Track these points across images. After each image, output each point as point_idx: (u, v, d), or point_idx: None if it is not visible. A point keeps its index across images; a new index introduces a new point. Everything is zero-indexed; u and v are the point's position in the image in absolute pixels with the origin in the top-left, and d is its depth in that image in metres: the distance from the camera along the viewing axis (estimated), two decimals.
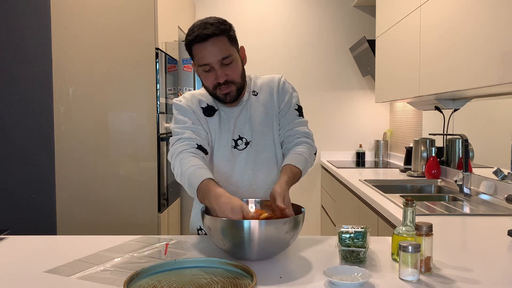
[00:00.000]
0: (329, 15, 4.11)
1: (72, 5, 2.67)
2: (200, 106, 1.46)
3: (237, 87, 1.39)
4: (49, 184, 2.71)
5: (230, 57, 1.34)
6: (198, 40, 1.31)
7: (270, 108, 1.48)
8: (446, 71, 2.06)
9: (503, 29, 1.58)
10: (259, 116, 1.47)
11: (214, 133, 1.45)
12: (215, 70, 1.34)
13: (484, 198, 2.11)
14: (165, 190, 2.87)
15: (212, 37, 1.30)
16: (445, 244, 1.33)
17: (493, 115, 2.24)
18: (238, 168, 1.44)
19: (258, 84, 1.52)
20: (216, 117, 1.45)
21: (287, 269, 1.10)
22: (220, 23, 1.33)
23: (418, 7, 2.43)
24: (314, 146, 1.49)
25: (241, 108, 1.47)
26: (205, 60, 1.32)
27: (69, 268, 1.12)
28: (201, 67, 1.35)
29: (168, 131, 2.92)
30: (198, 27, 1.32)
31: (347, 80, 4.14)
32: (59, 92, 2.69)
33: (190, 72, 3.22)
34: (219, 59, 1.32)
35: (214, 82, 1.36)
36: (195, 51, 1.34)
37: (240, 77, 1.39)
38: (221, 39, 1.32)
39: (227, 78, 1.35)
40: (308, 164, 1.43)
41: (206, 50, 1.31)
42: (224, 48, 1.32)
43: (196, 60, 1.35)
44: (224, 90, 1.37)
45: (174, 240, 1.38)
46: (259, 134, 1.46)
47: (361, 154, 3.98)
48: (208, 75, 1.36)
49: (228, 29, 1.34)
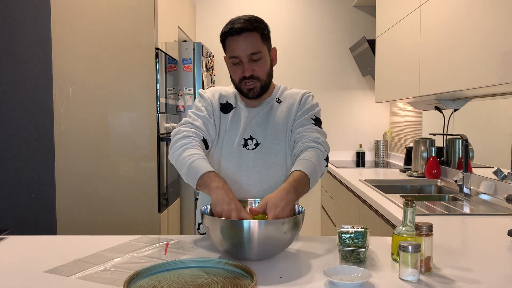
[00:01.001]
0: (329, 15, 4.11)
1: (72, 5, 2.67)
2: (220, 101, 1.50)
3: (261, 84, 1.43)
4: (49, 184, 2.71)
5: (259, 53, 1.38)
6: (232, 32, 1.37)
7: (288, 116, 1.48)
8: (446, 71, 2.06)
9: (503, 29, 1.58)
10: (276, 121, 1.47)
11: (223, 130, 1.47)
12: (243, 64, 1.39)
13: (484, 198, 2.11)
14: (165, 190, 2.87)
15: (245, 31, 1.36)
16: (445, 244, 1.33)
17: (493, 115, 2.24)
18: (245, 168, 1.44)
19: (284, 94, 1.53)
20: (230, 115, 1.48)
21: (287, 269, 1.10)
22: (256, 21, 1.40)
23: (418, 7, 2.42)
24: (324, 151, 1.41)
25: (259, 110, 1.48)
26: (235, 52, 1.38)
27: (69, 268, 1.12)
28: (231, 59, 1.40)
29: (168, 131, 2.92)
30: (234, 21, 1.38)
31: (347, 80, 4.14)
32: (59, 92, 2.69)
33: (190, 72, 3.22)
34: (248, 54, 1.37)
35: (240, 75, 1.41)
36: (227, 43, 1.40)
37: (266, 75, 1.43)
38: (254, 35, 1.38)
39: (253, 73, 1.40)
40: (316, 168, 1.34)
41: (237, 43, 1.37)
42: (255, 44, 1.38)
43: (228, 52, 1.41)
44: (248, 85, 1.41)
45: (174, 240, 1.38)
46: (271, 138, 1.46)
47: (361, 154, 3.98)
48: (236, 68, 1.41)
49: (262, 27, 1.40)
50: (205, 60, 3.37)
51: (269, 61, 1.45)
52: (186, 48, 3.21)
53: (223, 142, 1.46)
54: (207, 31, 4.08)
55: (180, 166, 1.34)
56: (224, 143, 1.46)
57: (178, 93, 3.21)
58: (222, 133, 1.47)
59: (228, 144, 1.45)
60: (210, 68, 3.61)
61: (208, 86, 3.49)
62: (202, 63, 3.26)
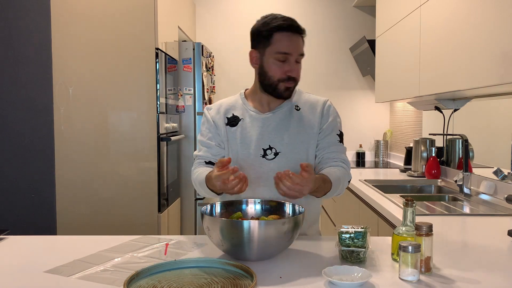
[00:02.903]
0: (329, 15, 4.11)
1: (72, 5, 2.67)
2: (226, 116, 1.48)
3: (295, 85, 1.43)
4: (49, 184, 2.71)
5: (303, 56, 1.41)
6: (288, 28, 1.35)
7: (310, 126, 1.45)
8: (446, 71, 2.06)
9: (503, 29, 1.58)
10: (296, 130, 1.43)
11: (235, 144, 1.44)
12: (289, 63, 1.37)
13: (484, 198, 2.11)
14: (165, 190, 2.87)
15: (298, 32, 1.37)
16: (445, 244, 1.33)
17: (493, 115, 2.24)
18: (266, 178, 1.41)
19: (302, 100, 1.50)
20: (239, 128, 1.45)
21: (287, 269, 1.10)
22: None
23: (418, 7, 2.42)
24: (349, 174, 1.46)
25: (275, 117, 1.44)
26: (288, 49, 1.35)
27: (69, 268, 1.12)
28: (278, 55, 1.36)
29: (168, 131, 2.93)
30: (283, 18, 1.38)
31: (347, 80, 4.14)
32: (59, 92, 2.69)
33: (190, 72, 3.22)
34: (298, 54, 1.38)
35: (284, 74, 1.38)
36: (278, 37, 1.36)
37: (299, 79, 1.43)
38: (301, 38, 1.40)
39: (296, 74, 1.40)
40: (340, 183, 1.38)
41: (292, 40, 1.36)
42: (302, 46, 1.40)
43: (276, 46, 1.36)
44: (289, 84, 1.39)
45: (174, 240, 1.38)
46: (291, 147, 1.42)
47: (361, 154, 3.98)
48: (281, 65, 1.37)
49: (305, 34, 1.42)
50: (205, 60, 3.37)
51: None
52: (186, 48, 3.21)
53: (238, 155, 1.43)
54: (207, 31, 4.08)
55: (200, 192, 1.43)
56: (239, 155, 1.43)
57: (178, 93, 3.21)
58: (234, 146, 1.44)
59: (244, 157, 1.43)
60: (210, 68, 3.61)
61: (208, 86, 3.49)
62: (202, 63, 3.26)
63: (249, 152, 1.42)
